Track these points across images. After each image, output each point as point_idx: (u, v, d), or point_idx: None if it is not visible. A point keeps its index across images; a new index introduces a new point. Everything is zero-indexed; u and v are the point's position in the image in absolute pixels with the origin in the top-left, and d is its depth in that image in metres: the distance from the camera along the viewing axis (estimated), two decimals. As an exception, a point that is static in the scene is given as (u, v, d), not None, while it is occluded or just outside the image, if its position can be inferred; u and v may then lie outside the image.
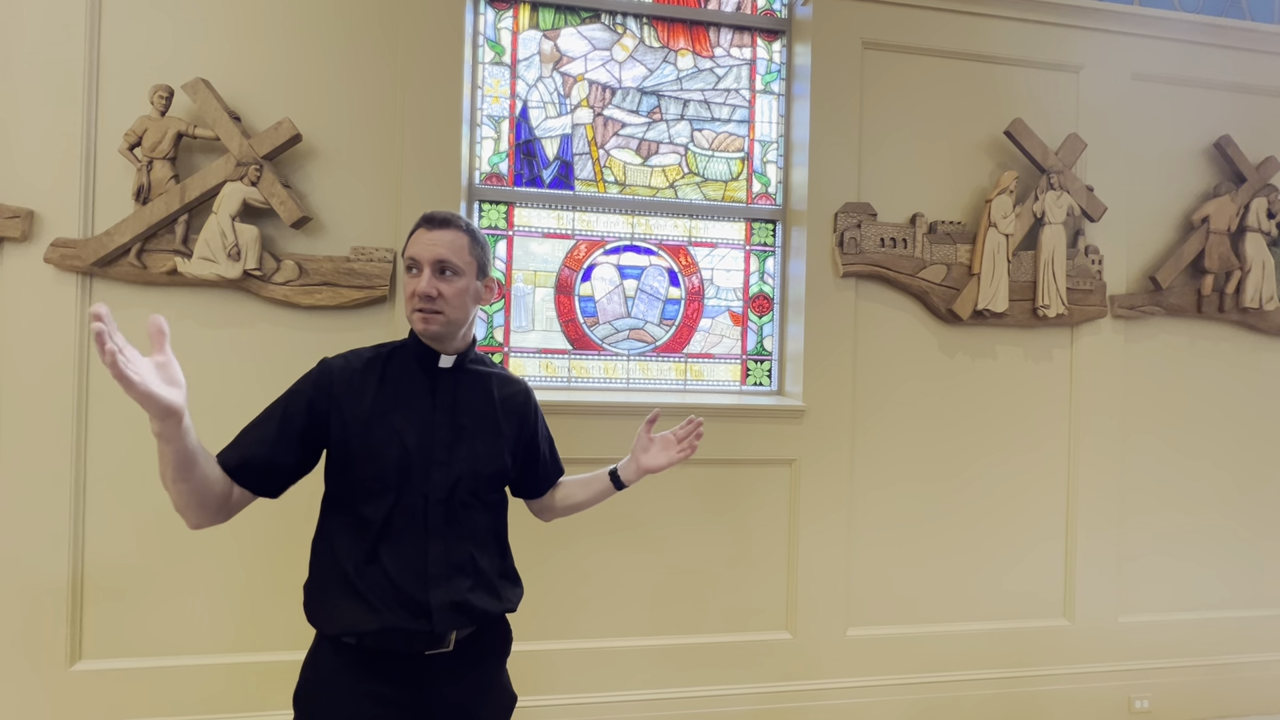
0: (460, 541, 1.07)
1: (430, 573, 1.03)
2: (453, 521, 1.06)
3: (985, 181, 2.19)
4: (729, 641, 2.04)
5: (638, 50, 2.17)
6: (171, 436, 0.84)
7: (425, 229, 1.07)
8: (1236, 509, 2.36)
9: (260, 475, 1.00)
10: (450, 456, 1.07)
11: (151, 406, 0.80)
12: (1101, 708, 2.23)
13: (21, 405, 1.71)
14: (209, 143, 1.76)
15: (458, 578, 1.05)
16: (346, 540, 1.02)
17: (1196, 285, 2.29)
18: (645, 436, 1.28)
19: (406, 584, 1.01)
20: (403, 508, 1.03)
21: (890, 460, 2.14)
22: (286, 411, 1.02)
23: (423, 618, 1.01)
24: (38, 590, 1.71)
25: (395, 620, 1.00)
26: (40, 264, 1.70)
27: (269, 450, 1.00)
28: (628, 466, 1.28)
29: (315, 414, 1.03)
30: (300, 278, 1.80)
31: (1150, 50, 2.27)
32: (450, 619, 1.04)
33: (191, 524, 0.95)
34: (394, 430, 1.04)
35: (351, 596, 1.00)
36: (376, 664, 1.02)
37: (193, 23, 1.79)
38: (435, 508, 1.05)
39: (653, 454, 1.27)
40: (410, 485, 1.04)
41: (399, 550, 1.02)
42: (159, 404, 0.80)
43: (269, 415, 1.03)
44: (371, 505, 1.02)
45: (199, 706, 1.78)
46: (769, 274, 2.24)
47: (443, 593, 1.03)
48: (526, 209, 2.11)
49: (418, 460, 1.04)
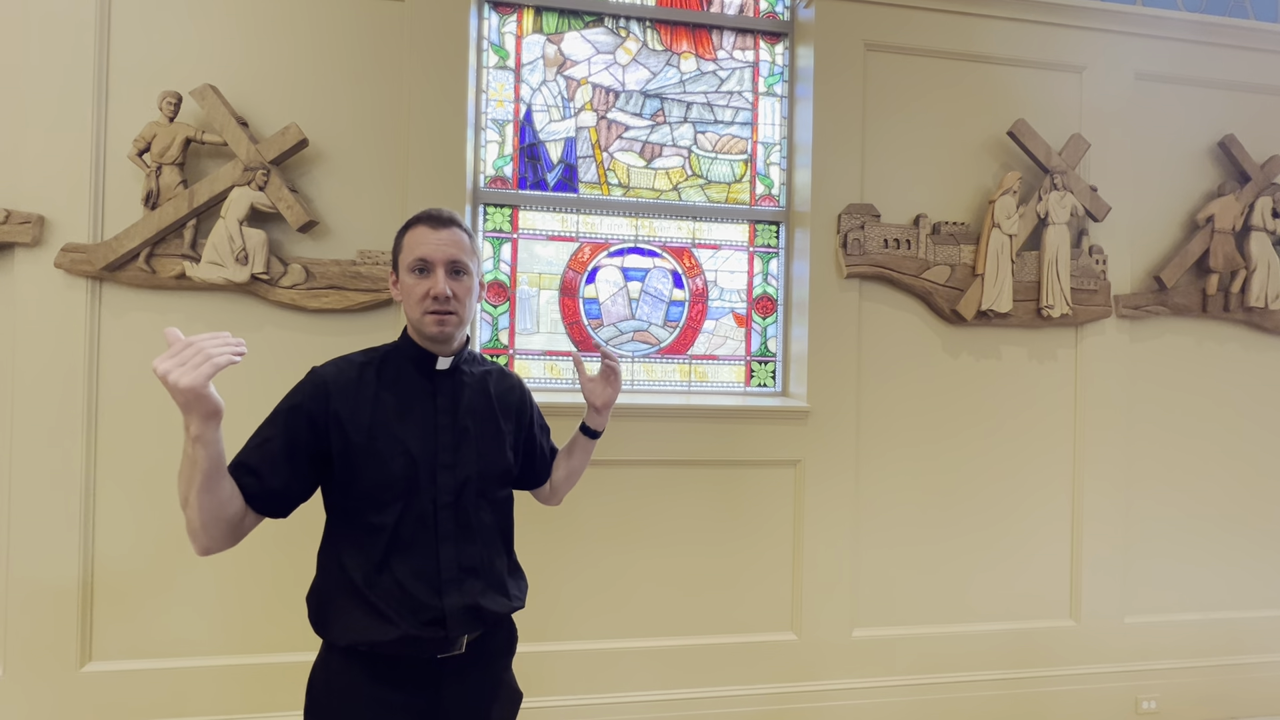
0: (470, 544, 1.06)
1: (443, 578, 1.03)
2: (462, 524, 1.06)
3: (989, 182, 2.19)
4: (734, 643, 2.04)
5: (641, 53, 2.18)
6: (211, 440, 0.84)
7: (430, 228, 1.05)
8: (1243, 509, 2.35)
9: (275, 502, 0.99)
10: (456, 459, 1.06)
11: (202, 406, 0.80)
12: (1108, 709, 2.22)
13: (32, 409, 1.72)
14: (217, 148, 1.78)
15: (469, 580, 1.05)
16: (354, 551, 1.01)
17: (1201, 285, 2.29)
18: (587, 384, 1.32)
19: (419, 591, 1.00)
20: (411, 514, 1.02)
21: (895, 461, 2.14)
22: (290, 434, 0.99)
23: (437, 625, 1.01)
24: (49, 593, 1.73)
25: (411, 629, 0.99)
26: (51, 269, 1.72)
27: (283, 480, 0.99)
28: (590, 416, 1.33)
29: (317, 430, 1.00)
30: (307, 281, 1.81)
31: (1154, 50, 2.27)
32: (464, 623, 1.03)
33: (203, 546, 0.92)
34: (397, 437, 1.03)
35: (364, 608, 0.99)
36: (387, 670, 1.01)
37: (200, 29, 1.81)
38: (444, 512, 1.04)
39: (599, 392, 1.31)
40: (418, 491, 1.02)
41: (410, 557, 1.01)
42: (211, 403, 0.81)
43: (271, 436, 0.99)
44: (379, 514, 1.01)
45: (207, 708, 1.79)
46: (773, 275, 2.25)
47: (456, 597, 1.03)
48: (531, 212, 2.12)
49: (424, 465, 1.03)
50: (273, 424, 1.00)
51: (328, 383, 1.03)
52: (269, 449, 0.98)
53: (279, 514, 1.01)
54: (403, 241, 1.08)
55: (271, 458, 0.98)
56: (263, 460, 0.98)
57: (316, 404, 1.01)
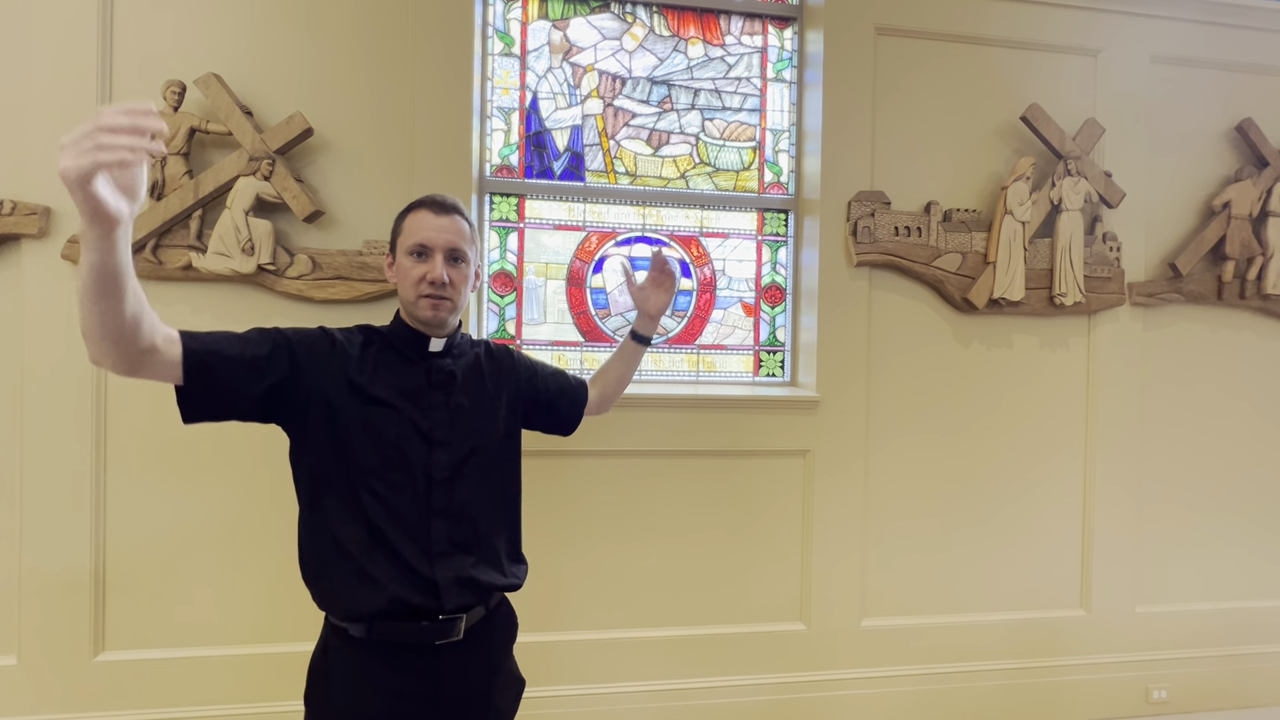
0: (464, 521, 1.07)
1: (435, 551, 1.03)
2: (456, 500, 1.07)
3: (1001, 168, 2.16)
4: (743, 632, 2.04)
5: (648, 39, 2.15)
6: (97, 246, 0.73)
7: (432, 213, 1.06)
8: (1256, 498, 2.33)
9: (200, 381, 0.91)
10: (451, 436, 1.07)
11: (86, 202, 0.69)
12: (1119, 698, 2.21)
13: (43, 400, 1.73)
14: (222, 138, 1.76)
15: (459, 555, 1.06)
16: (349, 524, 1.01)
17: (1217, 272, 2.26)
18: (637, 293, 1.38)
19: (414, 560, 1.01)
20: (406, 488, 1.03)
21: (905, 450, 2.13)
22: (272, 351, 0.97)
23: (430, 593, 1.02)
24: (62, 584, 1.74)
25: (403, 593, 1.00)
26: (58, 260, 1.71)
27: (245, 373, 0.94)
28: (640, 322, 1.39)
29: (297, 372, 0.98)
30: (314, 272, 1.80)
31: (1170, 32, 2.22)
32: (457, 595, 1.04)
33: (92, 354, 0.83)
34: (394, 412, 1.03)
35: (359, 578, 1.00)
36: (387, 656, 1.01)
37: (203, 18, 1.79)
38: (439, 488, 1.05)
39: (652, 298, 1.37)
40: (413, 466, 1.03)
41: (403, 530, 1.02)
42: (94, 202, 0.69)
43: (253, 340, 0.97)
44: (374, 487, 1.01)
45: (219, 696, 1.80)
46: (781, 264, 2.23)
47: (448, 568, 1.04)
48: (537, 201, 2.10)
49: (420, 441, 1.04)
50: (264, 335, 0.99)
51: (335, 343, 1.04)
52: (245, 345, 0.96)
53: (193, 400, 0.92)
54: (403, 224, 1.08)
55: (236, 348, 0.95)
56: (230, 344, 0.94)
57: (313, 355, 1.01)
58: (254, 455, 1.81)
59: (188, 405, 0.93)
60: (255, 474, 1.81)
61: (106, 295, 0.77)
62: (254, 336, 0.99)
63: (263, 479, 1.81)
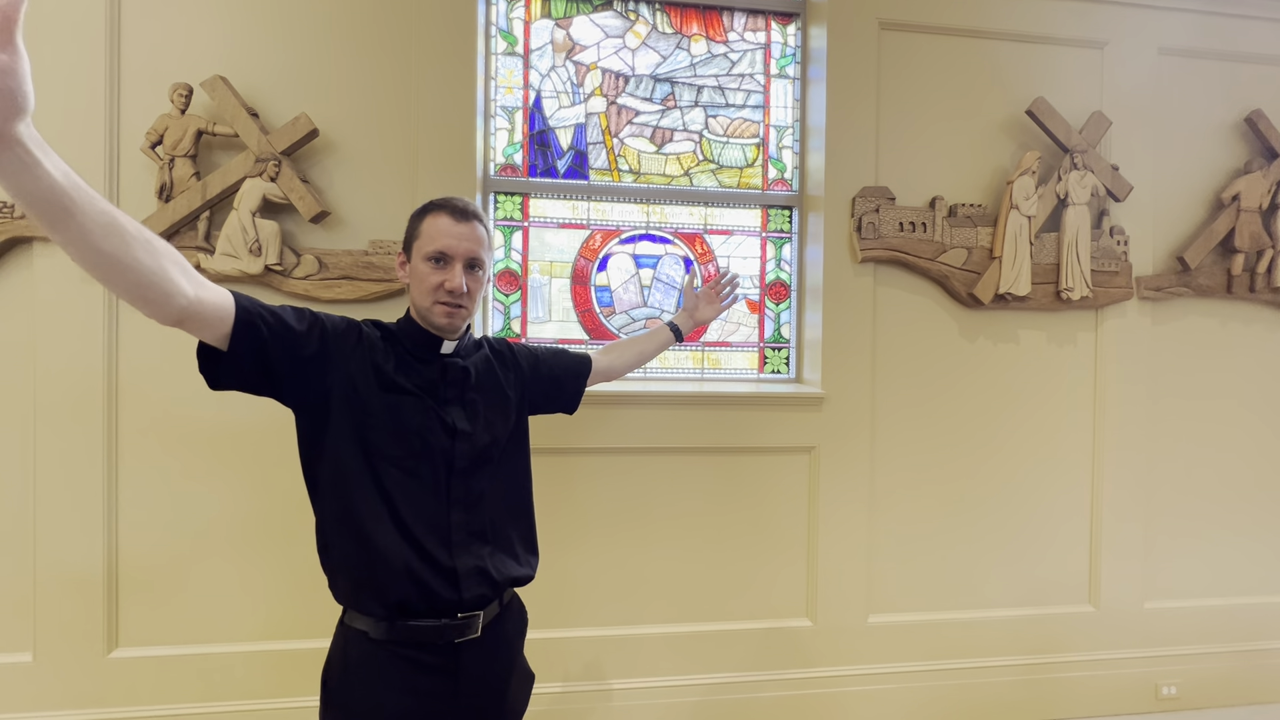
0: (481, 511, 1.09)
1: (454, 540, 1.05)
2: (474, 491, 1.08)
3: (1006, 162, 2.15)
4: (750, 629, 2.04)
5: (650, 37, 2.15)
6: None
7: (452, 220, 1.05)
8: (1266, 493, 2.31)
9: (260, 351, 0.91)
10: (471, 428, 1.08)
11: None
12: (1128, 695, 2.20)
13: (54, 401, 1.75)
14: (228, 139, 1.78)
15: (477, 544, 1.07)
16: (370, 512, 1.01)
17: (1226, 265, 2.24)
18: (692, 296, 1.57)
19: (434, 549, 1.02)
20: (427, 477, 1.03)
21: (911, 446, 2.12)
22: (301, 327, 0.97)
23: (450, 583, 1.03)
24: (76, 581, 1.76)
25: (425, 581, 1.01)
26: (68, 262, 1.73)
27: (289, 341, 0.95)
28: (683, 320, 1.53)
29: (326, 353, 0.99)
30: (320, 272, 1.82)
31: (1177, 23, 2.20)
32: (476, 584, 1.05)
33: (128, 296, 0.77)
34: (418, 399, 1.05)
35: (380, 567, 1.00)
36: (406, 657, 1.02)
37: (210, 21, 1.81)
38: (458, 478, 1.06)
39: (703, 308, 1.55)
40: (434, 455, 1.04)
41: (423, 519, 1.03)
42: None
43: (299, 316, 0.98)
44: (396, 475, 1.02)
45: (233, 692, 1.82)
46: (786, 261, 2.22)
47: (467, 557, 1.05)
48: (541, 199, 2.11)
49: (443, 432, 1.05)
50: (299, 313, 0.99)
51: (361, 334, 1.05)
52: (285, 314, 0.97)
53: (232, 359, 0.90)
54: (421, 227, 1.07)
55: (280, 315, 0.96)
56: (273, 311, 0.95)
57: (341, 342, 1.02)
58: (266, 451, 1.82)
59: (224, 367, 0.91)
60: (267, 469, 1.82)
61: (62, 228, 0.67)
62: (291, 311, 0.98)
63: (275, 474, 1.82)
